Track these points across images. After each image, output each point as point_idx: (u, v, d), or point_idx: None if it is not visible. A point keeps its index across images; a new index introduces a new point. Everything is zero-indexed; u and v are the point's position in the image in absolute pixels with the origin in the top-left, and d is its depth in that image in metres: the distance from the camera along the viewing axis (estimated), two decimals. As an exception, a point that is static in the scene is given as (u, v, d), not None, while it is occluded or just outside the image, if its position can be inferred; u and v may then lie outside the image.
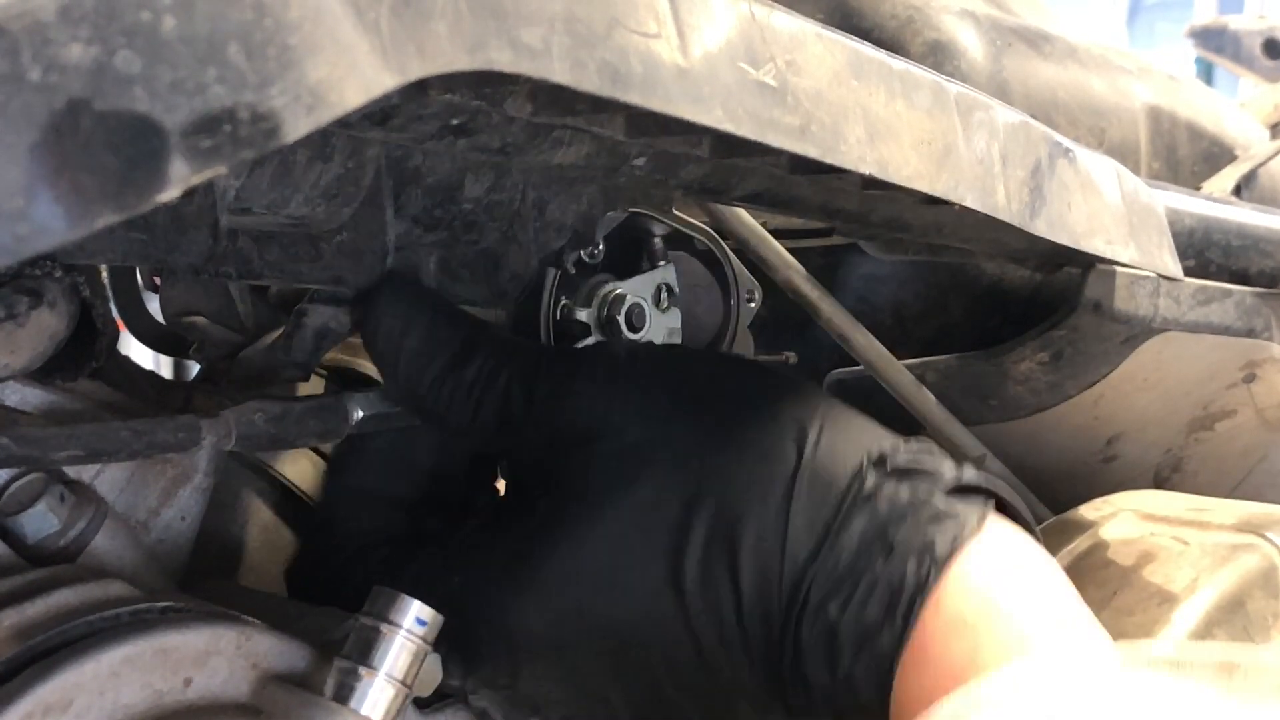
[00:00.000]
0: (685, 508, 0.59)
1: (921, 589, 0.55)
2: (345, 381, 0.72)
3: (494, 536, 0.63)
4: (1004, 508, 0.61)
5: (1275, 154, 1.14)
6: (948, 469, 0.60)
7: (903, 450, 0.60)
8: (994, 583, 0.56)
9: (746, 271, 0.83)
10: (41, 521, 0.60)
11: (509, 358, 0.65)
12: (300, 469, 0.83)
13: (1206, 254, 0.93)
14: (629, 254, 0.77)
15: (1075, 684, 0.49)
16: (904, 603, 0.55)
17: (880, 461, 0.59)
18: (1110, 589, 0.75)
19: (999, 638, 0.54)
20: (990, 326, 0.95)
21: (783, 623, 0.57)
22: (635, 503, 0.60)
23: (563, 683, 0.61)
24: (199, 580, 0.70)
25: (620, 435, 0.62)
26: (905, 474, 0.59)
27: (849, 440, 0.60)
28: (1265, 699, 0.47)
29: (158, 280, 0.83)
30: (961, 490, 0.59)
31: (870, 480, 0.58)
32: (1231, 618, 0.71)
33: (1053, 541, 0.81)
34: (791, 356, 0.93)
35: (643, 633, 0.59)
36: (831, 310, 0.86)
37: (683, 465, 0.60)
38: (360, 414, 0.67)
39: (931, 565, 0.56)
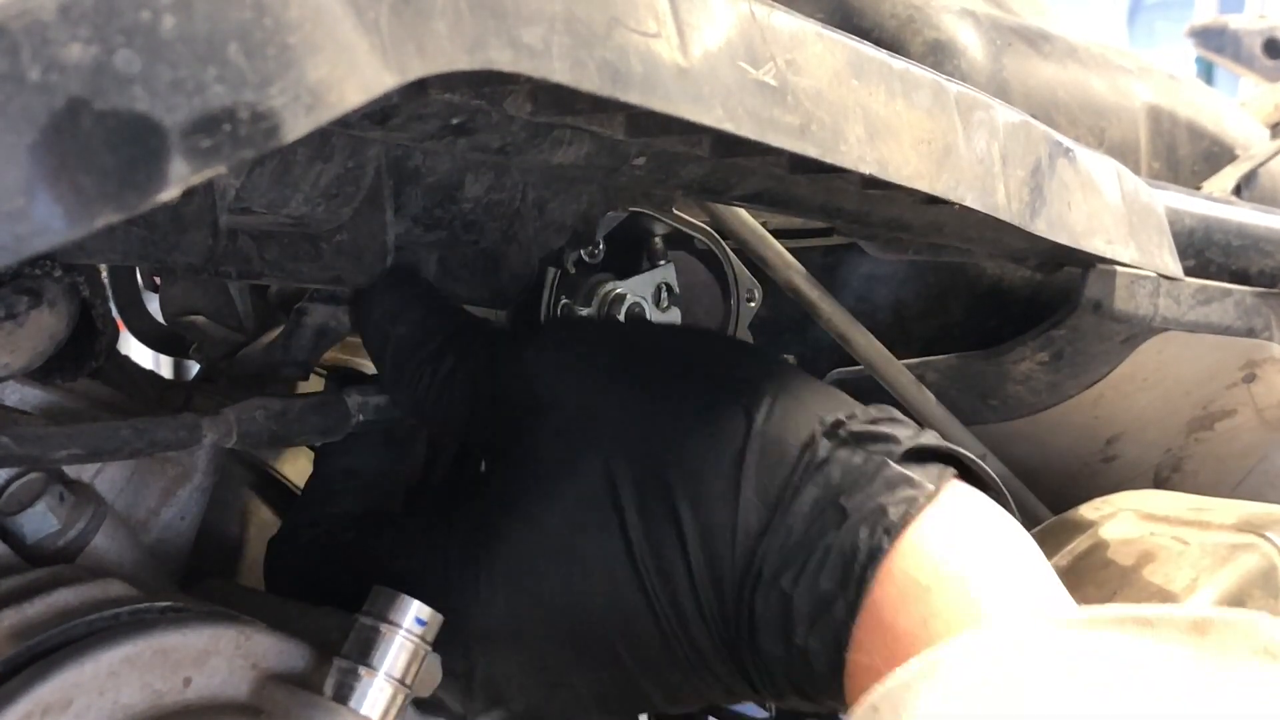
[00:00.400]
0: (634, 478, 0.58)
1: (874, 556, 0.53)
2: (345, 380, 0.72)
3: (451, 515, 0.62)
4: (968, 474, 0.59)
5: (1275, 154, 1.14)
6: (905, 434, 0.58)
7: (859, 416, 0.59)
8: (950, 548, 0.54)
9: (746, 271, 0.83)
10: (41, 521, 0.60)
11: (485, 349, 0.65)
12: (300, 469, 0.83)
13: (1206, 254, 0.93)
14: (629, 253, 0.77)
15: (1031, 648, 0.47)
16: (856, 571, 0.54)
17: (834, 428, 0.58)
18: (1110, 589, 0.75)
19: (953, 604, 0.52)
20: (990, 326, 0.95)
21: (736, 596, 0.56)
22: (581, 475, 0.58)
23: (523, 669, 0.60)
24: (199, 580, 0.70)
25: (564, 406, 0.61)
26: (860, 440, 0.57)
27: (802, 407, 0.59)
28: (1236, 658, 0.44)
29: (158, 280, 0.83)
30: (919, 455, 0.57)
31: (823, 447, 0.57)
32: (1231, 618, 0.71)
33: (1053, 541, 0.81)
34: (790, 360, 0.93)
35: (601, 610, 0.58)
36: (831, 310, 0.86)
37: (625, 435, 0.59)
38: (360, 413, 0.67)
39: (884, 532, 0.54)
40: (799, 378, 0.61)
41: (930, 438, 0.58)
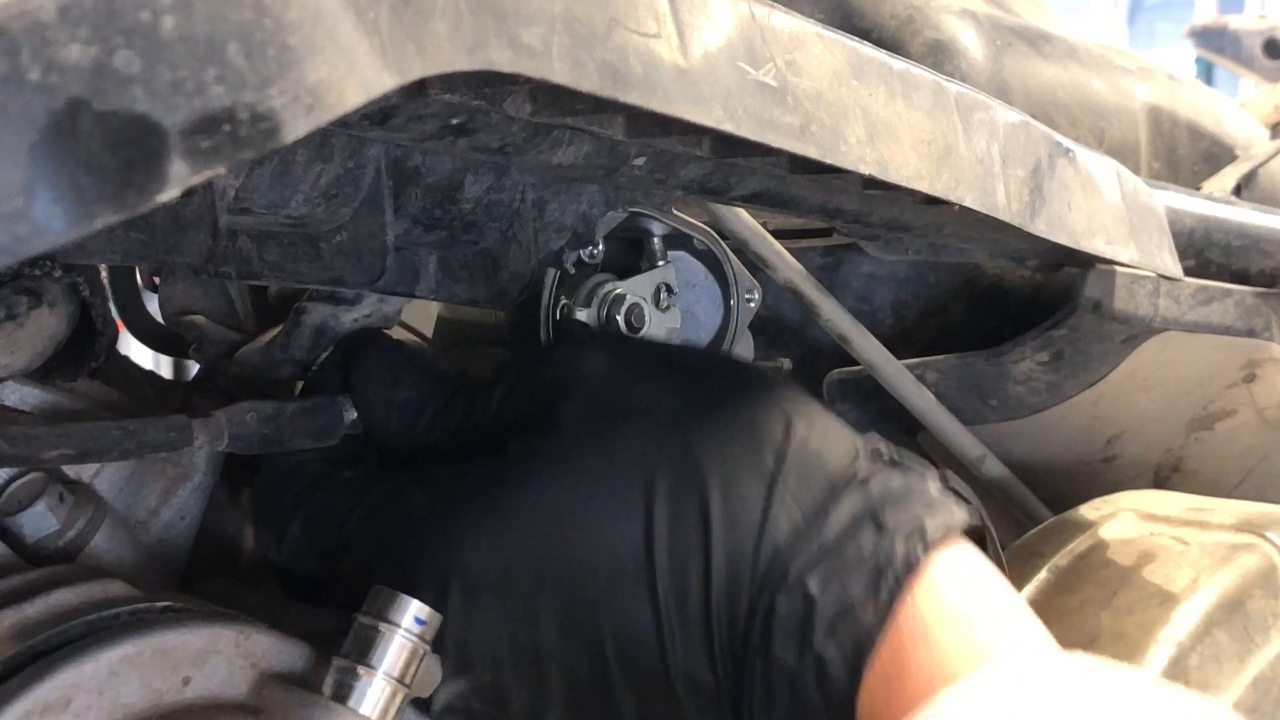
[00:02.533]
0: (666, 465, 0.58)
1: (909, 568, 0.54)
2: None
3: (462, 468, 0.61)
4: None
5: (1275, 154, 1.14)
6: (935, 473, 0.60)
7: (893, 448, 0.61)
8: (976, 582, 0.56)
9: (746, 271, 0.83)
10: (41, 521, 0.60)
11: (489, 382, 0.65)
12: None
13: (1206, 254, 0.93)
14: (629, 254, 0.77)
15: (1081, 681, 0.49)
16: (889, 580, 0.54)
17: (875, 452, 0.59)
18: (1110, 589, 0.75)
19: (995, 628, 0.54)
20: (990, 326, 0.95)
21: (755, 595, 0.56)
22: (614, 453, 0.58)
23: (500, 634, 0.58)
24: (198, 580, 0.70)
25: (605, 386, 0.61)
26: (899, 466, 0.59)
27: (840, 430, 0.61)
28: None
29: (157, 280, 0.83)
30: (949, 491, 0.59)
31: (864, 467, 0.58)
32: (1231, 618, 0.71)
33: (1053, 541, 0.81)
34: (786, 363, 0.93)
35: (601, 589, 0.57)
36: (831, 310, 0.86)
37: (667, 423, 0.59)
38: (354, 414, 0.67)
39: (921, 545, 0.55)
40: (828, 411, 0.63)
41: (957, 483, 0.60)
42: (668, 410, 0.60)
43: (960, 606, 0.54)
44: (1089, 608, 0.74)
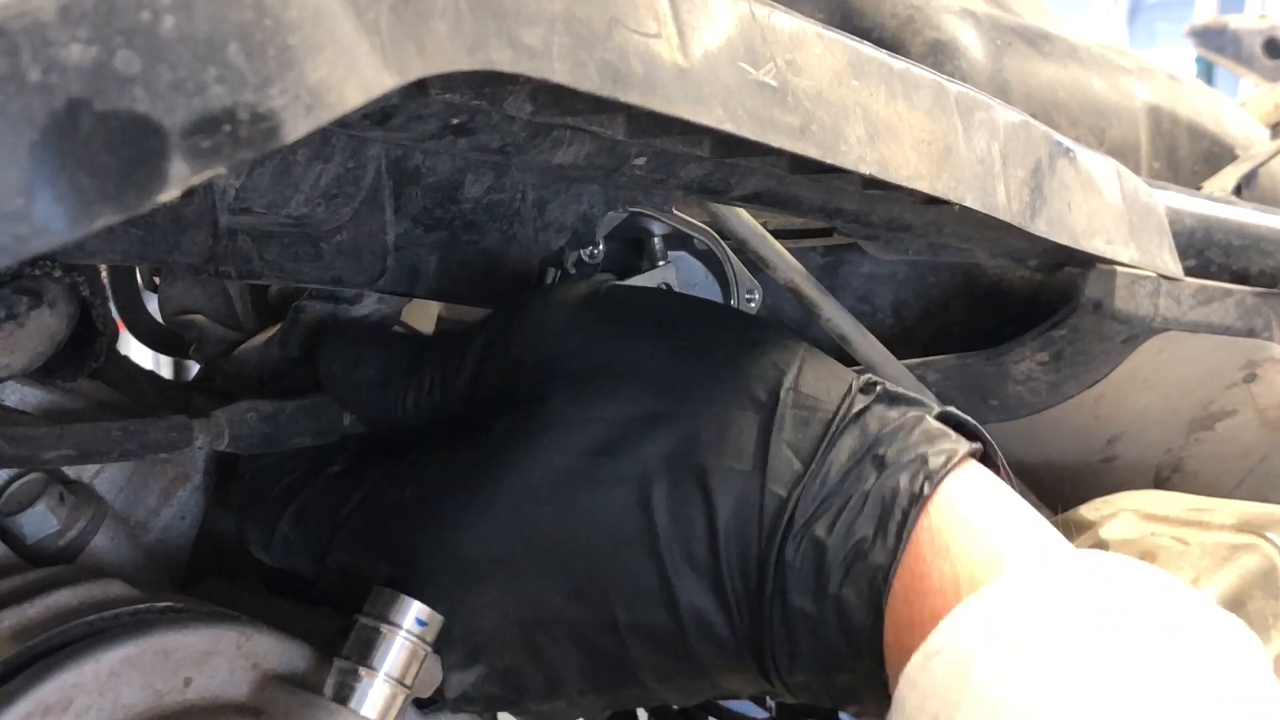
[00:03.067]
0: (654, 427, 0.57)
1: (916, 501, 0.54)
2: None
3: (450, 453, 0.61)
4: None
5: (1275, 154, 1.14)
6: (933, 401, 0.59)
7: (889, 382, 0.60)
8: (989, 497, 0.55)
9: (746, 271, 0.83)
10: (41, 522, 0.60)
11: (460, 341, 0.64)
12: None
13: (1207, 254, 0.93)
14: (629, 254, 0.77)
15: (1088, 582, 0.49)
16: (897, 516, 0.54)
17: (869, 386, 0.59)
18: (1110, 589, 0.75)
19: (1014, 536, 0.53)
20: (990, 326, 0.95)
21: (764, 547, 0.55)
22: (601, 421, 0.58)
23: (509, 614, 0.58)
24: (199, 580, 0.70)
25: (586, 354, 0.60)
26: (894, 399, 0.58)
27: (832, 369, 0.60)
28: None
29: (157, 280, 0.83)
30: (948, 421, 0.59)
31: (859, 401, 0.58)
32: (1231, 618, 0.71)
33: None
34: None
35: (604, 559, 0.56)
36: (831, 310, 0.86)
37: (651, 384, 0.58)
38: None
39: (925, 478, 0.54)
40: (819, 351, 0.62)
41: (957, 412, 0.59)
42: (654, 372, 0.59)
43: (976, 519, 0.54)
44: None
